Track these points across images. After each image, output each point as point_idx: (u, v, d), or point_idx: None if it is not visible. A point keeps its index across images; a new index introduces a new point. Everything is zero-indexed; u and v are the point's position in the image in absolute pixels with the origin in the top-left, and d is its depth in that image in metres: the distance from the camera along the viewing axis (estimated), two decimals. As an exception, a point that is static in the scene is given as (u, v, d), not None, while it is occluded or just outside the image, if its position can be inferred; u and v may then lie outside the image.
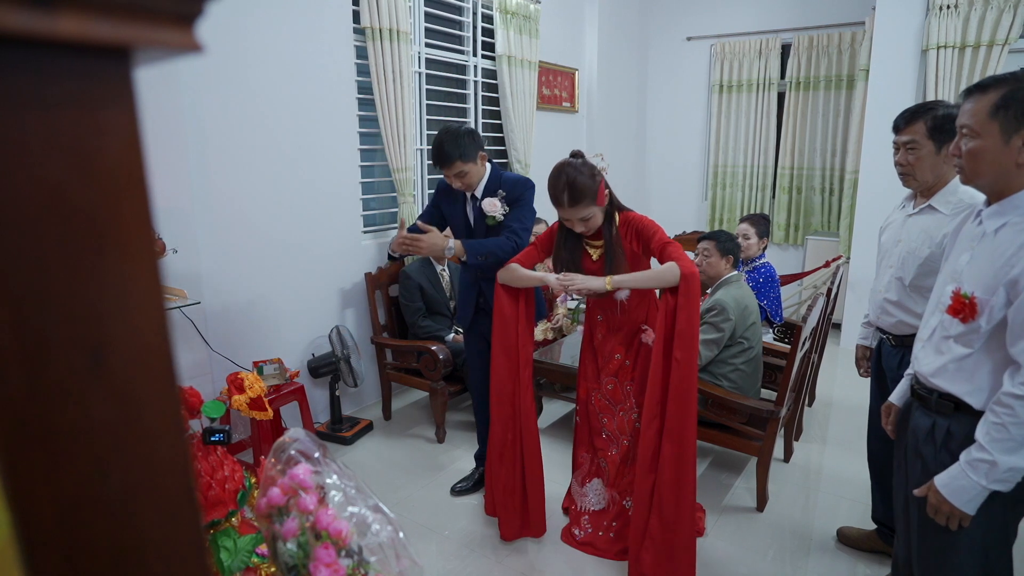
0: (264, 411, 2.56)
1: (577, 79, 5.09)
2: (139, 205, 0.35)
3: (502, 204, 2.35)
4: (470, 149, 2.30)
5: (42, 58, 0.30)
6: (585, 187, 1.94)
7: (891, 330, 2.04)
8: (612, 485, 2.33)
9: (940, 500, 1.35)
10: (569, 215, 2.00)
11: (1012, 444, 1.25)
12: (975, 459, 1.30)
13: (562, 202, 1.97)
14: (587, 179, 1.95)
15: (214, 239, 2.73)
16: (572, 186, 1.94)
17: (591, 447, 2.36)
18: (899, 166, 1.95)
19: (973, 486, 1.30)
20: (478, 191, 2.42)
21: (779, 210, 5.40)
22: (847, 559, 2.29)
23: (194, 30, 0.35)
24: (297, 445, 1.01)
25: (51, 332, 0.33)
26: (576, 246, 2.15)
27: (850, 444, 3.13)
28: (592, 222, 2.03)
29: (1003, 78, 1.29)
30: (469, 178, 2.34)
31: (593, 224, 2.04)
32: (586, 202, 1.96)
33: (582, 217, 1.99)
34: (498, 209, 2.34)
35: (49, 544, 0.33)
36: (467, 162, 2.30)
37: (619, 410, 2.27)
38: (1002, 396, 1.27)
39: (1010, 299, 1.27)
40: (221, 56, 2.62)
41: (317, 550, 0.89)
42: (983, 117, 1.29)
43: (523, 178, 2.43)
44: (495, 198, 2.35)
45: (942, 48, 4.09)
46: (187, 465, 0.39)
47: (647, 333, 2.20)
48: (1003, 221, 1.31)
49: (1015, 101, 1.25)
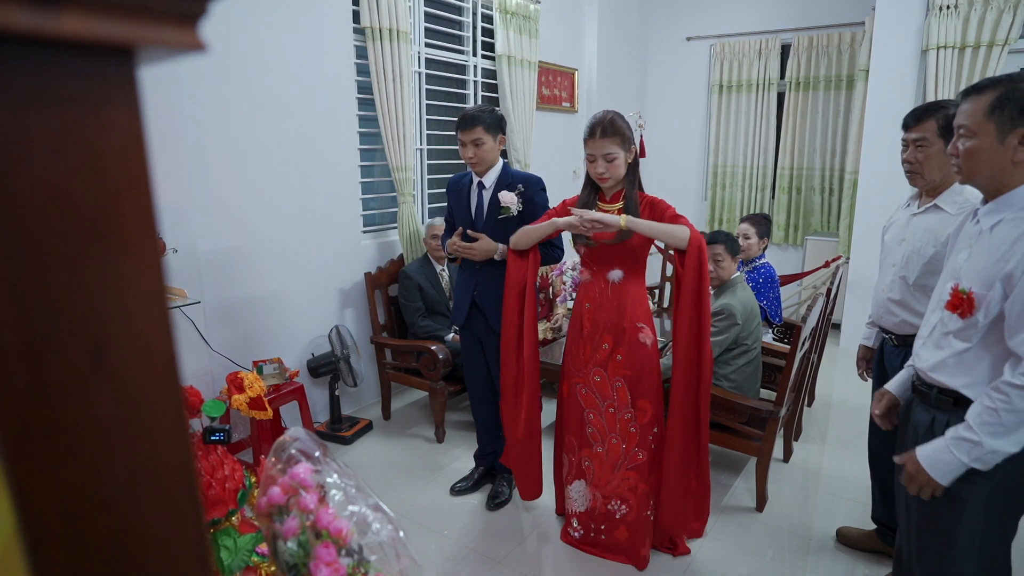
0: (264, 411, 2.56)
1: (577, 79, 5.09)
2: (142, 204, 0.35)
3: (519, 199, 2.36)
4: (494, 124, 2.36)
5: (46, 57, 0.31)
6: (621, 127, 2.02)
7: (894, 330, 2.04)
8: (595, 486, 2.26)
9: (918, 470, 1.39)
10: (596, 149, 2.03)
11: (1000, 429, 1.28)
12: (961, 437, 1.33)
13: (595, 133, 2.02)
14: (624, 124, 2.03)
15: (214, 239, 2.73)
16: (610, 121, 2.01)
17: (572, 446, 2.30)
18: (907, 163, 1.94)
19: (954, 461, 1.34)
20: (486, 180, 2.42)
21: (779, 210, 5.40)
22: (846, 559, 2.29)
23: (198, 29, 0.35)
24: (297, 444, 1.01)
25: (54, 330, 0.33)
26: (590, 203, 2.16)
27: (850, 444, 3.13)
28: (614, 166, 2.03)
29: (999, 79, 1.32)
30: (482, 152, 2.35)
31: (615, 169, 2.04)
32: (616, 139, 2.01)
33: (607, 153, 2.01)
34: (515, 202, 2.35)
35: (53, 541, 0.33)
36: (487, 132, 2.34)
37: (607, 406, 2.20)
38: (1000, 384, 1.29)
39: (1006, 293, 1.30)
40: (221, 56, 2.62)
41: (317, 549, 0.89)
42: (980, 117, 1.32)
43: (536, 176, 2.46)
44: (512, 192, 2.36)
45: (942, 48, 4.09)
46: (189, 463, 0.40)
47: (644, 332, 2.15)
48: (998, 218, 1.34)
49: (1010, 102, 1.28)
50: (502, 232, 2.37)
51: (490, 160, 2.39)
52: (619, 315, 2.16)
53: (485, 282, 2.47)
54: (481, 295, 2.49)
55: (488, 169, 2.41)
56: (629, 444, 2.20)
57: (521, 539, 2.42)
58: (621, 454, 2.21)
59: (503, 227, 2.37)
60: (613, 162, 2.02)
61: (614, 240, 2.07)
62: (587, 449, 2.26)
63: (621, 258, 2.13)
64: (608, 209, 2.11)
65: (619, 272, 2.13)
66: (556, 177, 5.02)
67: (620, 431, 2.19)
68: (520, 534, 2.45)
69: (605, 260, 2.15)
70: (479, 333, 2.57)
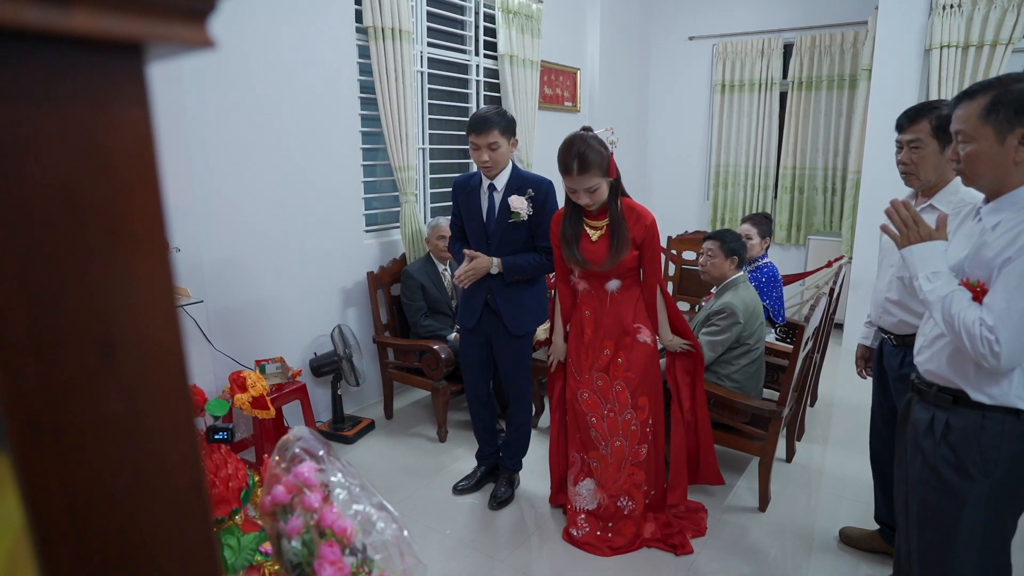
0: (266, 410, 2.57)
1: (579, 79, 5.09)
2: (151, 201, 0.35)
3: (529, 204, 2.36)
4: (508, 127, 2.35)
5: (56, 53, 0.31)
6: (594, 157, 1.98)
7: (892, 330, 2.04)
8: (603, 487, 2.32)
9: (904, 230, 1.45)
10: (576, 184, 2.02)
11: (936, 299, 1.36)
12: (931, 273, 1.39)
13: (571, 170, 2.00)
14: (597, 150, 1.99)
15: (216, 238, 2.73)
16: (582, 156, 1.97)
17: (581, 446, 2.35)
18: (902, 165, 1.94)
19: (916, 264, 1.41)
20: (498, 182, 2.41)
21: (781, 210, 5.39)
22: (849, 559, 2.29)
23: (207, 26, 0.35)
24: (301, 443, 1.01)
25: (63, 327, 0.33)
26: (577, 225, 2.16)
27: (852, 444, 3.13)
28: (598, 194, 2.04)
29: (989, 83, 1.35)
30: (497, 155, 2.33)
31: (598, 197, 2.05)
32: (594, 171, 1.99)
33: (588, 187, 2.01)
34: (525, 207, 2.35)
35: (61, 536, 0.33)
36: (503, 135, 2.32)
37: (608, 410, 2.25)
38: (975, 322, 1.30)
39: None
40: (224, 55, 2.63)
41: (321, 548, 0.89)
42: (976, 121, 1.35)
43: (545, 179, 2.45)
44: (523, 197, 2.36)
45: (945, 48, 4.08)
46: (196, 460, 0.40)
47: (642, 331, 2.21)
48: (999, 218, 1.37)
49: (1004, 104, 1.31)
50: (512, 236, 2.41)
51: (503, 161, 2.38)
52: (619, 320, 2.21)
53: (497, 285, 2.46)
54: (495, 296, 2.47)
55: (500, 171, 2.40)
56: (631, 443, 2.26)
57: (524, 538, 2.42)
58: (625, 453, 2.27)
59: (513, 230, 2.40)
60: (596, 191, 2.03)
61: (605, 266, 2.13)
62: (594, 451, 2.31)
63: (616, 271, 2.17)
64: (596, 225, 2.15)
65: (616, 282, 2.19)
66: (558, 177, 5.01)
67: (623, 432, 2.26)
68: (523, 533, 2.45)
69: (601, 275, 2.20)
70: (491, 334, 2.55)
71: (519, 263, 2.41)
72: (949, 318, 1.33)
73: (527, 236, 2.43)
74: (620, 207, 2.11)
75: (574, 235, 2.15)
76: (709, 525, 2.46)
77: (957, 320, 1.31)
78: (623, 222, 2.09)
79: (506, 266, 2.39)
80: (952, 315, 1.32)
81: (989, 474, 1.36)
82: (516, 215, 2.35)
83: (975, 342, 1.28)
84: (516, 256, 2.42)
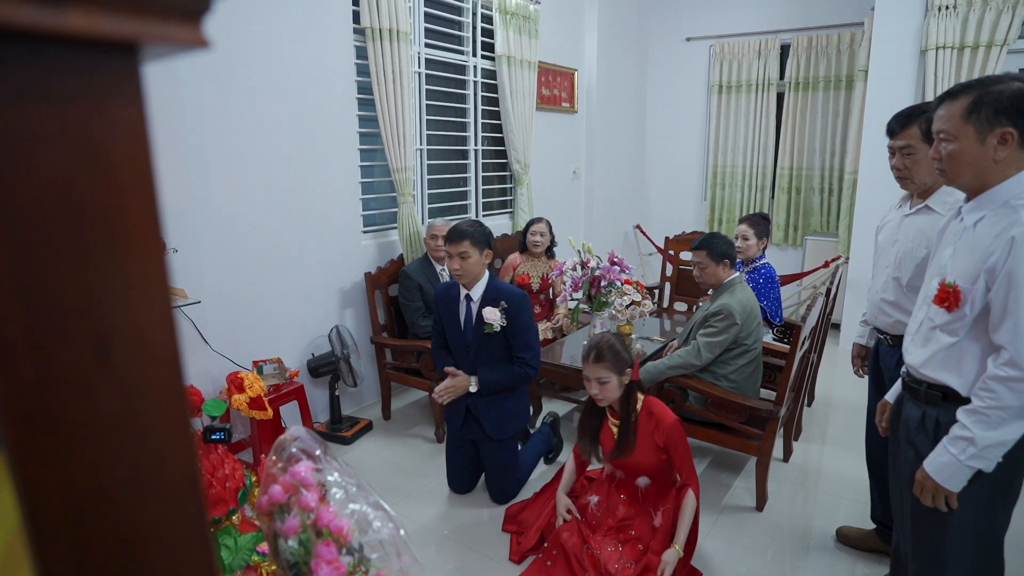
0: (264, 410, 2.57)
1: (577, 79, 5.10)
2: (147, 199, 0.35)
3: (502, 316, 2.44)
4: (481, 239, 2.44)
5: (51, 53, 0.31)
6: (611, 355, 2.06)
7: (888, 330, 2.04)
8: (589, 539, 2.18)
9: (924, 476, 1.42)
10: (588, 371, 2.10)
11: (990, 422, 1.32)
12: (955, 436, 1.36)
13: (587, 357, 2.10)
14: (617, 351, 2.08)
15: (214, 238, 2.73)
16: (599, 348, 2.07)
17: None
18: (895, 170, 1.96)
19: (953, 461, 1.36)
20: (473, 293, 2.49)
21: (778, 210, 5.40)
22: (846, 559, 2.30)
23: (201, 26, 0.35)
24: (298, 443, 1.01)
25: (58, 325, 0.33)
26: (600, 415, 2.22)
27: (849, 444, 3.14)
28: (607, 388, 2.09)
29: (970, 84, 1.38)
30: (468, 264, 2.42)
31: (607, 392, 2.09)
32: (606, 365, 2.06)
33: (599, 377, 2.08)
34: (498, 319, 2.43)
35: (57, 533, 0.33)
36: (474, 246, 2.41)
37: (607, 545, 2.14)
38: (986, 379, 1.33)
39: (988, 286, 1.34)
40: (221, 55, 2.63)
41: (318, 547, 0.90)
42: (957, 121, 1.37)
43: (519, 292, 2.52)
44: (496, 308, 2.44)
45: (941, 49, 4.09)
46: (192, 457, 0.40)
47: (658, 516, 2.18)
48: (981, 215, 1.39)
49: (984, 104, 1.33)
50: (490, 345, 2.50)
51: (475, 273, 2.46)
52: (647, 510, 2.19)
53: (477, 395, 2.54)
54: (476, 405, 2.55)
55: (475, 281, 2.49)
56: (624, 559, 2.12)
57: (521, 539, 2.42)
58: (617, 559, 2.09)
59: (490, 340, 2.49)
60: (605, 384, 2.09)
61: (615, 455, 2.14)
62: None
63: (645, 469, 2.18)
64: (615, 422, 2.18)
65: (645, 479, 2.21)
66: (556, 177, 5.03)
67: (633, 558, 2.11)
68: (520, 534, 2.45)
69: (632, 467, 2.20)
70: (474, 438, 2.63)
71: (495, 379, 2.50)
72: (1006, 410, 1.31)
73: (505, 346, 2.52)
74: (633, 414, 2.13)
75: (597, 425, 2.21)
76: (706, 525, 2.46)
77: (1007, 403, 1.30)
78: (633, 427, 2.12)
79: (483, 383, 2.49)
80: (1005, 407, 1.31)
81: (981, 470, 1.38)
82: (489, 326, 2.44)
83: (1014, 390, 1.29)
84: (493, 370, 2.51)
